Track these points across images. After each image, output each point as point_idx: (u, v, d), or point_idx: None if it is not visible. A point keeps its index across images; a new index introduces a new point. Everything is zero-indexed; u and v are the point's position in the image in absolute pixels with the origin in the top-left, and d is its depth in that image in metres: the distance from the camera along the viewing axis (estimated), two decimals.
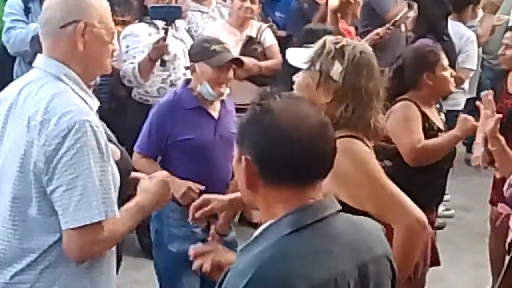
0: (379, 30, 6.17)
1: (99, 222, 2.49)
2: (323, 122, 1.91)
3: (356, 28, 6.63)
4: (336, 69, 2.80)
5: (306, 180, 1.90)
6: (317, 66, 2.83)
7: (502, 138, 3.53)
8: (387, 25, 6.18)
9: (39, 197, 2.49)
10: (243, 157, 1.91)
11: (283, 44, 5.89)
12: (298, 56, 2.93)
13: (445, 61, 4.12)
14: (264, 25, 6.10)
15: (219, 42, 4.29)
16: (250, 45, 5.88)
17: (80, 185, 2.45)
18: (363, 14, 6.81)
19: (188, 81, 4.27)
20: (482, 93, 3.71)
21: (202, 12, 6.33)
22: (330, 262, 1.86)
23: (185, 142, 4.13)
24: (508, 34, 5.54)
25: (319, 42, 2.87)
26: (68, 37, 2.57)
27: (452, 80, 4.13)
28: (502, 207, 4.06)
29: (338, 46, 2.84)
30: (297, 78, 2.91)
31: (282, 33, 6.77)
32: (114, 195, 2.56)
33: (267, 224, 1.91)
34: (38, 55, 2.66)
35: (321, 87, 2.82)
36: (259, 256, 1.84)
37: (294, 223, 1.87)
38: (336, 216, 1.94)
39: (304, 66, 2.87)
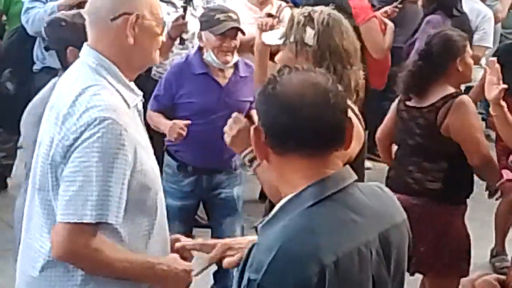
0: (386, 8, 6.14)
1: (89, 225, 2.35)
2: (331, 91, 1.92)
3: (373, 5, 6.62)
4: (309, 35, 2.92)
5: (315, 150, 1.91)
6: (291, 38, 2.96)
7: (504, 104, 3.59)
8: (395, 3, 6.14)
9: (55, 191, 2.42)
10: (252, 127, 1.96)
11: None
12: (272, 35, 3.15)
13: (469, 47, 4.14)
14: (284, 4, 6.09)
15: (224, 11, 4.48)
16: None
17: (79, 181, 2.34)
18: None
19: (201, 48, 4.51)
20: (490, 59, 3.73)
21: None
22: (354, 232, 1.89)
23: (188, 105, 4.48)
24: None
25: (289, 17, 3.04)
26: (117, 30, 2.45)
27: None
28: (506, 173, 4.10)
29: (306, 14, 2.98)
30: (277, 57, 3.02)
31: None
32: (122, 203, 2.40)
33: (288, 197, 1.93)
34: (84, 44, 2.53)
35: (300, 56, 2.94)
36: (284, 230, 1.85)
37: (316, 194, 1.89)
38: (355, 186, 1.96)
39: (280, 42, 2.99)
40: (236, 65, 4.56)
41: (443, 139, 3.92)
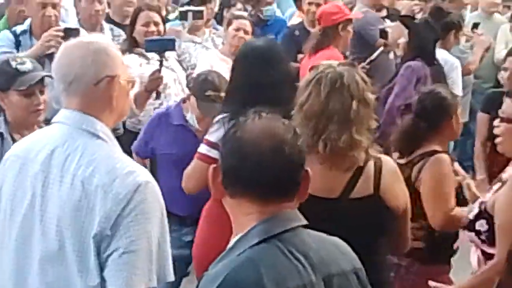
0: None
1: None
2: (287, 143, 1.98)
3: (345, 57, 6.71)
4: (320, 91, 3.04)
5: (262, 197, 1.97)
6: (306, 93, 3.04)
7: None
8: (362, 64, 6.21)
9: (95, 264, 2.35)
10: (212, 166, 2.02)
11: None
12: None
13: None
14: None
15: (216, 88, 4.46)
16: None
17: (138, 249, 2.33)
18: (353, 42, 6.90)
19: (184, 100, 4.62)
20: None
21: (195, 42, 6.40)
22: (298, 270, 1.94)
23: (167, 156, 4.56)
24: (510, 58, 5.60)
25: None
26: (102, 93, 2.51)
27: None
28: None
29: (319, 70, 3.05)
30: None
31: None
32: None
33: (237, 237, 1.99)
34: (63, 110, 2.54)
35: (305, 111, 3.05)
36: (230, 262, 1.92)
37: (262, 233, 1.95)
38: (302, 229, 2.01)
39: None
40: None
41: (420, 196, 3.84)
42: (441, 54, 6.04)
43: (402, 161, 3.99)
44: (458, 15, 6.62)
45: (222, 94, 4.43)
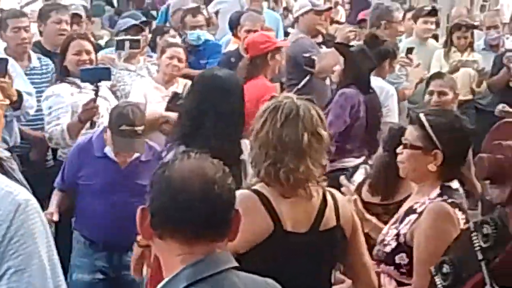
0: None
1: None
2: (217, 183, 1.96)
3: (282, 83, 6.73)
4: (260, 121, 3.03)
5: (192, 237, 1.94)
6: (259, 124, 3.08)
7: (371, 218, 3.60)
8: (302, 83, 6.23)
9: None
10: (140, 207, 1.99)
11: None
12: None
13: None
14: (190, 82, 6.13)
15: (131, 123, 4.44)
16: (176, 101, 5.91)
17: (31, 267, 2.25)
18: (288, 68, 6.94)
19: (105, 130, 4.61)
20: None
21: (130, 70, 6.35)
22: None
23: (88, 186, 4.59)
24: (435, 82, 5.65)
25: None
26: None
27: None
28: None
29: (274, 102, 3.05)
30: None
31: None
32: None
33: (165, 280, 1.96)
34: None
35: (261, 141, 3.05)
36: None
37: (190, 276, 1.91)
38: (233, 272, 1.98)
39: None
40: None
41: None
42: (376, 81, 6.07)
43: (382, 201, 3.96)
44: (393, 43, 6.67)
45: (138, 129, 4.43)
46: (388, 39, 6.48)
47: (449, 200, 3.24)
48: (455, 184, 3.37)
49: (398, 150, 3.43)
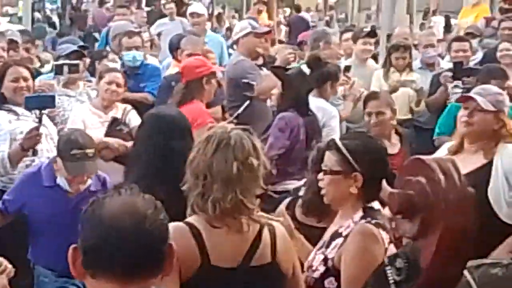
0: (223, 123, 6.15)
1: None
2: (148, 218, 1.94)
3: (223, 106, 6.74)
4: (193, 152, 3.05)
5: (124, 274, 1.92)
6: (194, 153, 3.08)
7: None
8: (230, 119, 6.22)
9: None
10: (72, 246, 1.96)
11: None
12: None
13: None
14: (129, 107, 6.13)
15: (81, 146, 4.48)
16: (116, 126, 5.90)
17: None
18: (228, 90, 6.96)
19: (55, 160, 4.59)
20: None
21: (69, 96, 6.32)
22: None
23: (37, 215, 4.57)
24: (371, 103, 5.71)
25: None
26: None
27: None
28: None
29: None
30: None
31: None
32: None
33: None
34: None
35: (195, 171, 3.04)
36: None
37: None
38: None
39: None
40: None
41: None
42: (318, 103, 6.12)
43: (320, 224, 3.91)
44: (336, 65, 6.72)
45: (89, 151, 4.45)
46: (330, 61, 6.53)
47: (373, 221, 3.28)
48: (376, 205, 3.41)
49: (319, 176, 3.47)
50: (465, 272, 2.07)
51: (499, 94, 4.33)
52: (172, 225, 2.81)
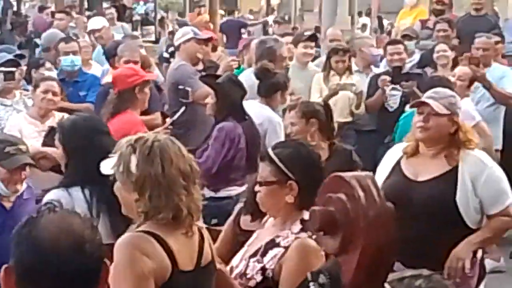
0: (159, 129, 6.14)
1: None
2: (85, 238, 1.92)
3: (162, 113, 6.70)
4: (133, 163, 2.91)
5: None
6: (120, 167, 2.95)
7: None
8: (166, 125, 6.19)
9: None
10: (4, 266, 1.91)
11: None
12: (108, 164, 3.06)
13: None
14: (66, 116, 6.05)
15: (13, 143, 4.44)
16: (53, 136, 5.80)
17: None
18: (169, 94, 6.94)
19: None
20: None
21: (5, 105, 6.24)
22: None
23: None
24: (290, 114, 5.56)
25: (117, 145, 3.01)
26: None
27: None
28: None
29: (132, 142, 2.96)
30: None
31: None
32: None
33: None
34: None
35: (127, 185, 2.93)
36: None
37: None
38: None
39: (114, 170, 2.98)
40: None
41: None
42: (264, 111, 6.11)
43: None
44: (284, 75, 6.71)
45: (22, 147, 4.45)
46: (278, 71, 6.54)
47: (314, 236, 3.28)
48: (307, 216, 3.41)
49: (256, 188, 3.47)
50: (387, 286, 2.09)
51: (451, 96, 4.33)
52: (134, 237, 2.86)
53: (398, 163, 4.33)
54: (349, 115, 7.75)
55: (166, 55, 11.25)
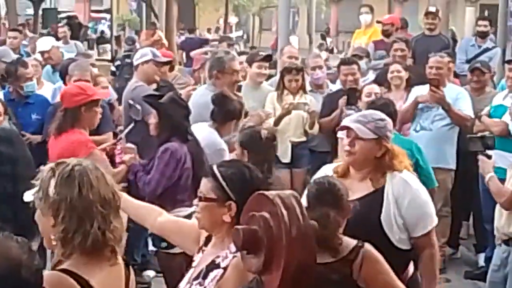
0: (105, 145, 6.06)
1: None
2: (23, 265, 1.92)
3: (115, 135, 6.64)
4: (51, 186, 2.83)
5: None
6: (40, 193, 2.85)
7: None
8: (113, 141, 6.11)
9: None
10: None
11: None
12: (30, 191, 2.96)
13: None
14: None
15: None
16: None
17: None
18: (125, 114, 6.96)
19: None
20: None
21: None
22: None
23: None
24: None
25: (41, 172, 2.92)
26: None
27: None
28: None
29: (53, 166, 2.88)
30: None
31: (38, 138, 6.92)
32: None
33: None
34: None
35: (45, 210, 2.83)
36: None
37: None
38: None
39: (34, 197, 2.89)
40: None
41: None
42: (213, 136, 6.00)
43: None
44: (241, 103, 6.65)
45: None
46: (236, 98, 6.48)
47: None
48: None
49: (194, 202, 3.42)
50: None
51: (380, 120, 4.26)
52: (54, 279, 2.63)
53: None
54: (302, 135, 7.75)
55: (113, 68, 11.39)
